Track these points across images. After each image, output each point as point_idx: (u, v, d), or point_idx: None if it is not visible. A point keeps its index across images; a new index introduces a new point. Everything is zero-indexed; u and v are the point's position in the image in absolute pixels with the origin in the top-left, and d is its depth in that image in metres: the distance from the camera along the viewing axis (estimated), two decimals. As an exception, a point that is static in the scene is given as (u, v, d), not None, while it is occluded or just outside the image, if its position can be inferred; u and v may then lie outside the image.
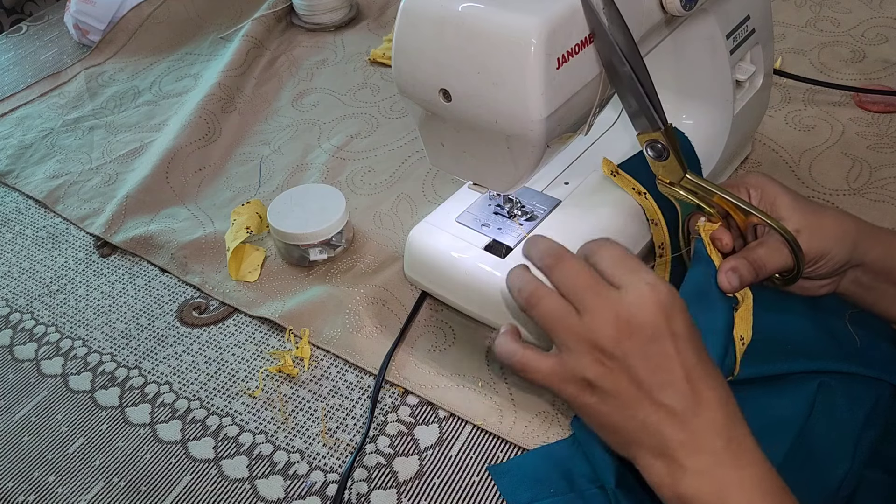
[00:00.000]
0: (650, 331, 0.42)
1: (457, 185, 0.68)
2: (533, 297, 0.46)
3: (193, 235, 0.75)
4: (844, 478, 0.49)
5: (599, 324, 0.43)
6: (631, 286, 0.43)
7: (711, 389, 0.43)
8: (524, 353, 0.46)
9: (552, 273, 0.46)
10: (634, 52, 0.48)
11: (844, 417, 0.51)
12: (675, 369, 0.42)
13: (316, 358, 0.64)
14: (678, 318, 0.43)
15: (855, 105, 0.83)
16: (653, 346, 0.42)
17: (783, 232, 0.49)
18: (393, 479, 0.55)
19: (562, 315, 0.44)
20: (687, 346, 0.43)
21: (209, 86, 0.94)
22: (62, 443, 0.60)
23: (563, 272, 0.45)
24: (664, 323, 0.42)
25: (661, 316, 0.42)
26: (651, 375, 0.42)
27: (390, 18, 1.11)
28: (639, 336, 0.42)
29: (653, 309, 0.42)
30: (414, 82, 0.51)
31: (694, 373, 0.43)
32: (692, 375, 0.42)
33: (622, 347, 0.42)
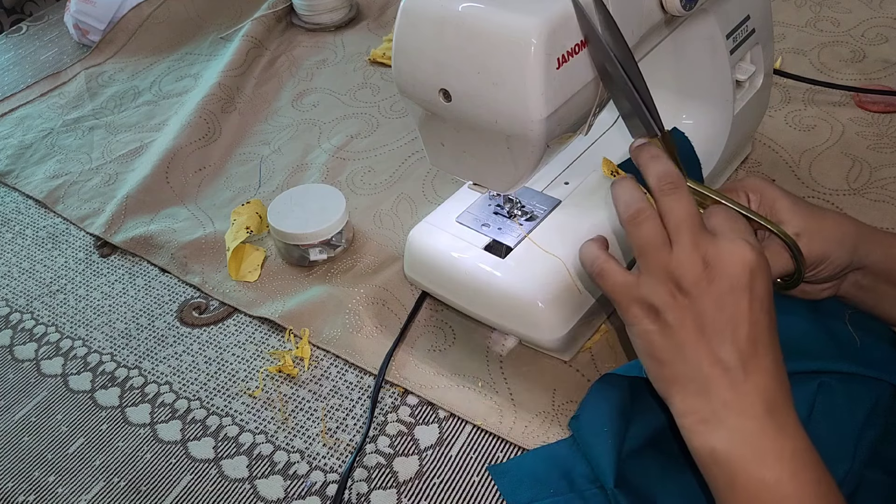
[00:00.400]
0: (731, 282, 0.43)
1: (457, 185, 0.68)
2: (639, 216, 0.45)
3: (193, 235, 0.75)
4: (844, 478, 0.49)
5: (687, 260, 0.43)
6: (729, 237, 0.44)
7: (768, 357, 0.43)
8: (607, 260, 0.47)
9: (664, 198, 0.45)
10: (629, 58, 0.48)
11: (844, 417, 0.50)
12: (742, 326, 0.42)
13: (316, 358, 0.64)
14: (762, 280, 0.43)
15: (855, 105, 0.83)
16: (729, 296, 0.43)
17: (783, 236, 0.49)
18: (393, 479, 0.55)
19: (657, 242, 0.44)
20: (760, 308, 0.43)
21: (209, 86, 0.94)
22: (62, 443, 0.60)
23: (674, 203, 0.45)
24: (747, 279, 0.43)
25: (747, 272, 0.43)
26: (717, 326, 0.43)
27: (390, 18, 1.11)
28: (719, 283, 0.43)
29: (742, 263, 0.43)
30: (414, 82, 0.51)
31: (759, 335, 0.43)
32: (756, 337, 0.43)
33: (699, 287, 0.43)
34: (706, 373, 0.43)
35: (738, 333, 0.43)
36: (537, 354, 0.61)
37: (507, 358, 0.61)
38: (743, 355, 0.42)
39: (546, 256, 0.58)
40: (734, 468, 0.41)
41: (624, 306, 0.46)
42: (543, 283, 0.56)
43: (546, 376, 0.59)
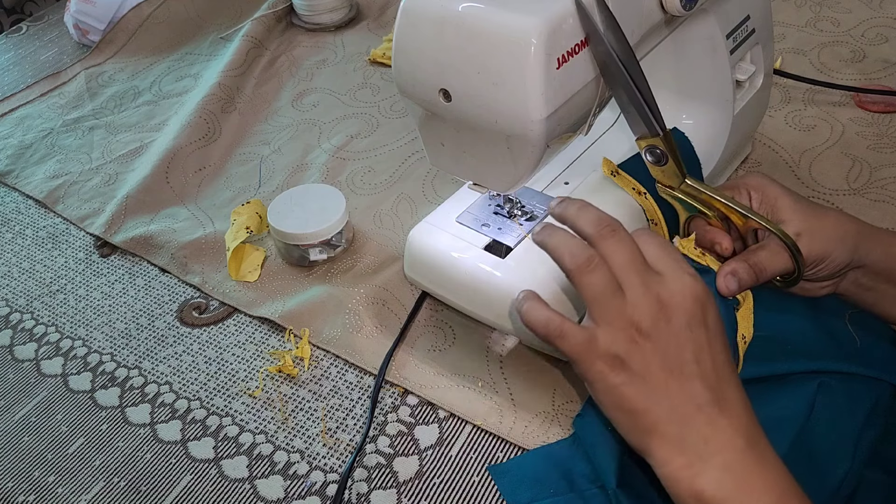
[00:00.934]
0: (688, 317, 0.43)
1: (457, 185, 0.68)
2: (588, 266, 0.44)
3: (193, 235, 0.75)
4: (844, 478, 0.49)
5: (641, 303, 0.43)
6: (673, 274, 0.44)
7: (733, 387, 0.43)
8: (564, 321, 0.45)
9: (605, 244, 0.45)
10: (631, 56, 0.48)
11: (844, 417, 0.51)
12: (705, 361, 0.43)
13: (316, 358, 0.64)
14: (712, 312, 0.44)
15: (855, 105, 0.83)
16: (687, 332, 0.43)
17: (782, 236, 0.49)
18: (393, 479, 0.55)
19: (609, 289, 0.44)
20: (717, 341, 0.43)
21: (209, 86, 0.94)
22: (62, 443, 0.60)
23: (616, 247, 0.45)
24: (701, 313, 0.43)
25: (699, 306, 0.43)
26: (683, 363, 0.42)
27: (390, 18, 1.11)
28: (676, 321, 0.43)
29: (693, 297, 0.43)
30: (414, 82, 0.51)
31: (721, 368, 0.43)
32: (720, 371, 0.43)
33: (658, 328, 0.43)
34: (682, 413, 0.42)
35: (704, 368, 0.43)
36: (537, 354, 0.61)
37: (507, 358, 0.61)
38: (713, 390, 0.42)
39: (546, 256, 0.58)
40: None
41: (587, 364, 0.44)
42: (543, 283, 0.56)
43: (546, 376, 0.59)
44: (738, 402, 0.43)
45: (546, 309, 0.46)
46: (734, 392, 0.43)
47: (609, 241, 0.45)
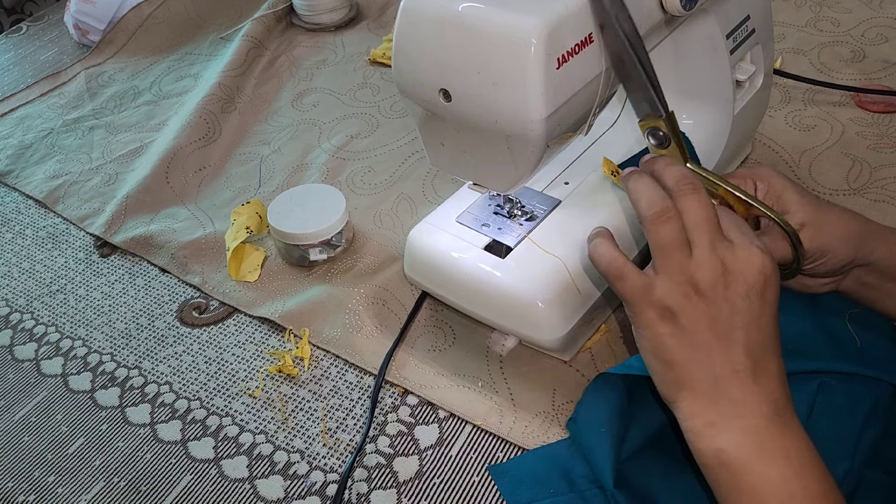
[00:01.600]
0: (747, 287, 0.43)
1: (457, 185, 0.68)
2: (663, 215, 0.45)
3: (193, 235, 0.75)
4: (844, 477, 0.49)
5: (706, 262, 0.44)
6: (744, 244, 0.45)
7: (774, 363, 0.44)
8: (626, 263, 0.46)
9: (683, 199, 0.46)
10: (638, 38, 0.48)
11: (844, 417, 0.51)
12: (753, 332, 0.43)
13: (316, 358, 0.64)
14: (773, 288, 0.44)
15: (855, 105, 0.83)
16: (744, 301, 0.43)
17: (783, 224, 0.50)
18: (393, 479, 0.55)
19: (677, 243, 0.45)
20: (770, 315, 0.44)
21: (209, 86, 0.94)
22: (62, 443, 0.60)
23: (693, 203, 0.45)
24: (762, 286, 0.43)
25: (762, 279, 0.43)
26: (731, 329, 0.43)
27: (390, 18, 1.11)
28: (735, 288, 0.43)
29: (758, 269, 0.44)
30: (414, 82, 0.51)
31: (767, 342, 0.44)
32: (765, 344, 0.43)
33: (716, 290, 0.43)
34: (717, 374, 0.43)
35: (750, 338, 0.43)
36: (537, 354, 0.61)
37: (507, 358, 0.61)
38: (754, 359, 0.43)
39: (546, 256, 0.58)
40: (740, 468, 0.41)
41: (639, 309, 0.46)
42: (543, 283, 0.56)
43: (546, 376, 0.59)
44: (775, 376, 0.43)
45: (613, 248, 0.47)
46: (774, 366, 0.44)
47: (688, 198, 0.46)
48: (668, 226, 0.45)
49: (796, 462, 0.41)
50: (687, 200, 0.46)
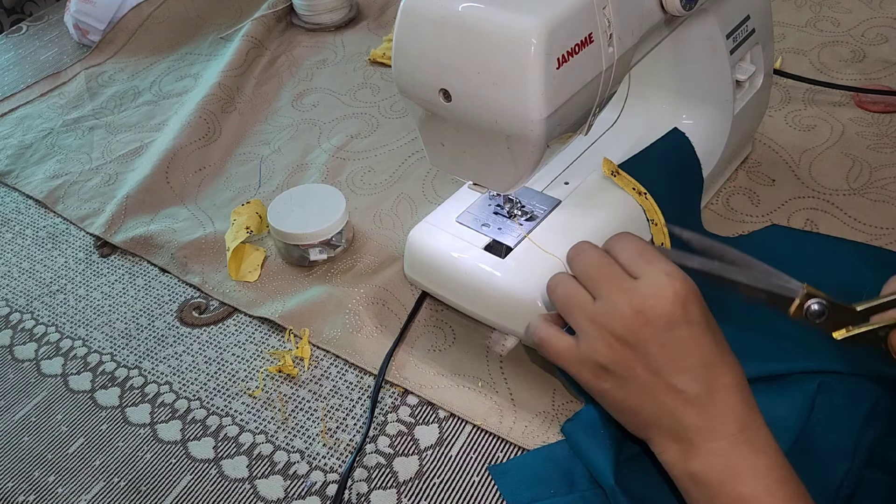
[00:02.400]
0: (666, 319, 0.43)
1: (457, 185, 0.68)
2: (552, 282, 0.48)
3: (193, 235, 0.75)
4: (844, 478, 0.49)
5: (615, 311, 0.44)
6: (648, 276, 0.44)
7: (727, 375, 0.43)
8: (547, 330, 0.48)
9: (573, 263, 0.48)
10: (724, 265, 0.46)
11: (844, 418, 0.51)
12: (692, 355, 0.43)
13: (316, 358, 0.64)
14: (694, 305, 0.44)
15: (855, 105, 0.83)
16: (668, 334, 0.43)
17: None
18: (393, 479, 0.55)
19: (578, 300, 0.46)
20: (703, 332, 0.43)
21: (209, 86, 0.94)
22: (62, 443, 0.60)
23: (582, 261, 0.47)
24: (681, 311, 0.43)
25: (678, 305, 0.43)
26: (667, 363, 0.43)
27: (390, 18, 1.11)
28: (654, 325, 0.43)
29: (670, 298, 0.43)
30: (414, 82, 0.51)
31: (710, 358, 0.43)
32: (709, 360, 0.43)
33: (636, 335, 0.43)
34: (672, 408, 0.43)
35: (691, 363, 0.43)
36: (537, 354, 0.61)
37: (507, 358, 0.61)
38: (703, 381, 0.43)
39: (546, 256, 0.58)
40: (713, 489, 0.42)
41: (574, 371, 0.47)
42: (543, 283, 0.56)
43: (546, 376, 0.59)
44: (731, 387, 0.43)
45: (542, 321, 0.49)
46: (728, 377, 0.43)
47: (576, 259, 0.48)
48: (559, 288, 0.47)
49: (766, 480, 0.41)
50: (575, 263, 0.47)
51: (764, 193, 0.73)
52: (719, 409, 0.43)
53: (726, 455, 0.42)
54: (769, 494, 0.41)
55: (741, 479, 0.41)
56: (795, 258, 0.63)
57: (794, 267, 0.60)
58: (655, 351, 0.43)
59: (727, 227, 0.70)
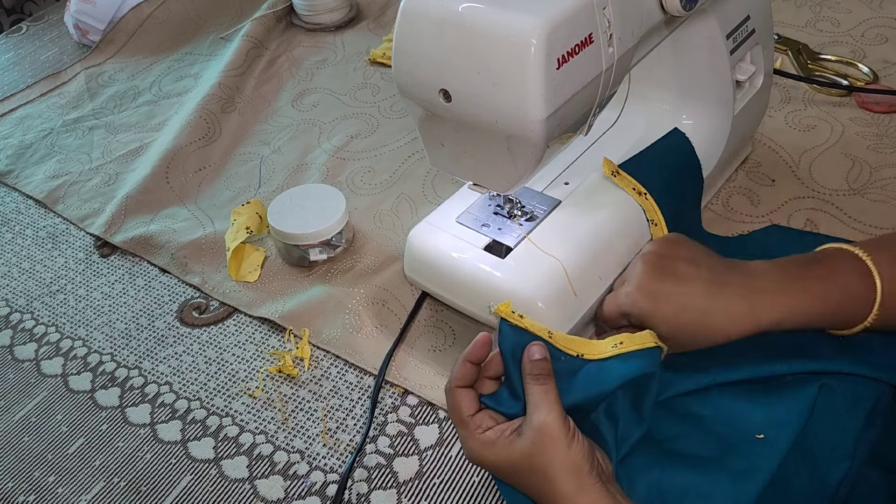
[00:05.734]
0: (507, 474, 0.46)
1: (457, 185, 0.68)
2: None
3: (193, 235, 0.75)
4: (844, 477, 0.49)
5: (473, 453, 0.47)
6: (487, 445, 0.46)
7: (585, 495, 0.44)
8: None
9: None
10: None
11: (845, 418, 0.50)
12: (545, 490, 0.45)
13: (316, 358, 0.64)
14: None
15: (855, 105, 0.83)
16: (517, 481, 0.46)
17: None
18: (393, 479, 0.55)
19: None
20: (541, 478, 0.45)
21: (209, 86, 0.94)
22: (62, 443, 0.60)
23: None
24: (510, 470, 0.46)
25: (498, 466, 0.46)
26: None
27: (390, 18, 1.11)
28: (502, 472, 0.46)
29: (484, 463, 0.47)
30: (414, 82, 0.51)
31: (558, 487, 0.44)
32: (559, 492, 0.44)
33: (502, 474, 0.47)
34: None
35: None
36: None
37: (507, 358, 0.61)
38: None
39: (546, 256, 0.58)
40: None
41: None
42: (543, 283, 0.56)
43: (546, 376, 0.59)
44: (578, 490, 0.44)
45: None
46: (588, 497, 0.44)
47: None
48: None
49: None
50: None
51: (764, 193, 0.73)
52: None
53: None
54: None
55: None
56: None
57: None
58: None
59: (727, 227, 0.70)
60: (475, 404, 0.48)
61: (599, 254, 0.59)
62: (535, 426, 0.45)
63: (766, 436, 0.49)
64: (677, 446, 0.50)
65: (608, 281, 0.60)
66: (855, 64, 0.88)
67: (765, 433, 0.49)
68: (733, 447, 0.49)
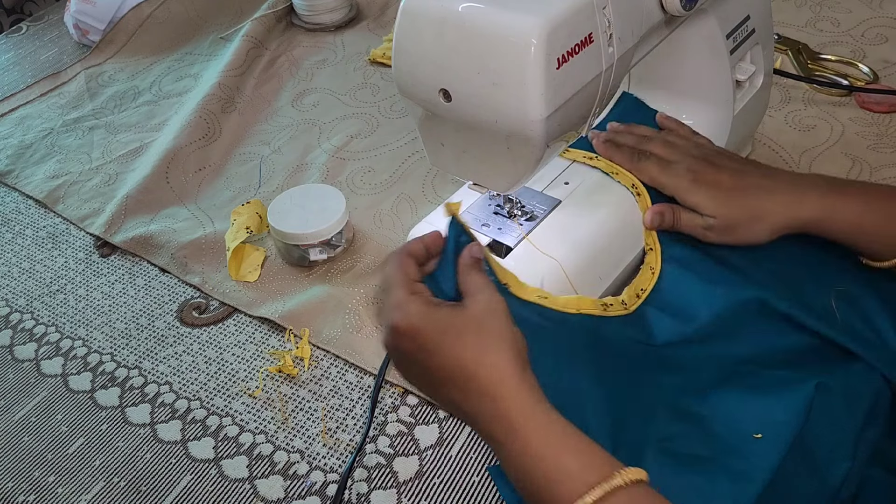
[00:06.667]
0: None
1: (457, 185, 0.68)
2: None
3: (193, 235, 0.75)
4: (845, 477, 0.49)
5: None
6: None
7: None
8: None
9: None
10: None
11: (843, 418, 0.50)
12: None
13: (316, 358, 0.64)
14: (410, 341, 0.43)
15: (855, 105, 0.83)
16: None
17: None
18: (393, 479, 0.55)
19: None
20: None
21: (209, 86, 0.94)
22: (62, 443, 0.60)
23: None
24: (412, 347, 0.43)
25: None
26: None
27: (390, 18, 1.11)
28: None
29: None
30: (414, 82, 0.51)
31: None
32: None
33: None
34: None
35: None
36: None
37: (507, 358, 0.61)
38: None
39: (545, 256, 0.58)
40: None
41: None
42: (543, 283, 0.56)
43: (546, 376, 0.59)
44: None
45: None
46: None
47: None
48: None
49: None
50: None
51: (764, 193, 0.73)
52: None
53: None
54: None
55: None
56: (798, 239, 0.62)
57: (797, 245, 0.59)
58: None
59: (727, 227, 0.70)
60: (419, 276, 0.46)
61: (599, 253, 0.59)
62: (485, 299, 0.43)
63: (763, 435, 0.49)
64: (676, 446, 0.50)
65: (608, 280, 0.60)
66: (855, 64, 0.88)
67: (763, 433, 0.49)
68: (732, 447, 0.49)
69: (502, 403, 0.40)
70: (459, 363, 0.41)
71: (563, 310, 0.53)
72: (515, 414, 0.40)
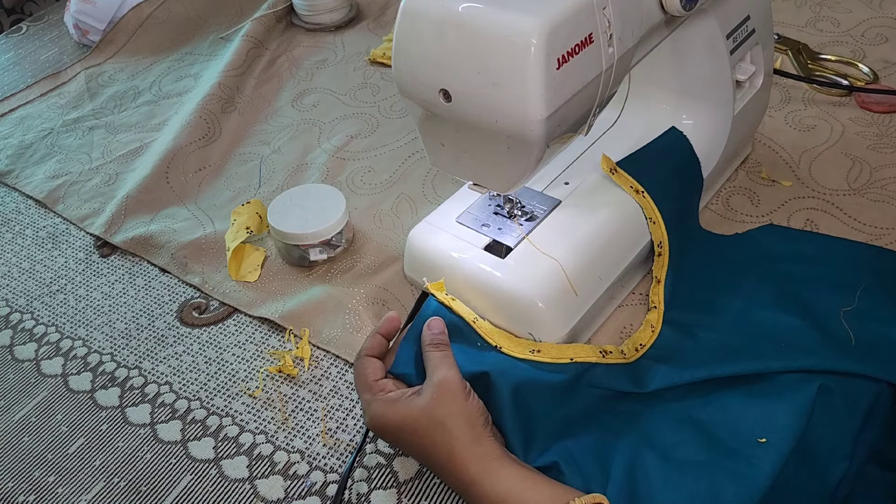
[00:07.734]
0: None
1: (457, 185, 0.68)
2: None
3: (193, 235, 0.75)
4: (843, 478, 0.49)
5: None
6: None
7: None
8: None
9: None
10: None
11: (843, 419, 0.51)
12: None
13: (316, 358, 0.64)
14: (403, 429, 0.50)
15: (855, 105, 0.83)
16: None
17: None
18: (393, 479, 0.55)
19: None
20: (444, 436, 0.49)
21: (209, 86, 0.94)
22: (62, 443, 0.60)
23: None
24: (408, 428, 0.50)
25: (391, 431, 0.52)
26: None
27: (390, 18, 1.11)
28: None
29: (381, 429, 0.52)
30: (414, 82, 0.51)
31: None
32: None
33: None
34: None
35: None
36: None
37: (507, 358, 0.61)
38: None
39: (546, 256, 0.58)
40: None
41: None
42: (543, 283, 0.56)
43: (546, 376, 0.59)
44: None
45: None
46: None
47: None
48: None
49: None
50: None
51: (764, 193, 0.73)
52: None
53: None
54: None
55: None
56: (792, 257, 0.63)
57: (791, 265, 0.60)
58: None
59: (727, 226, 0.70)
60: (381, 372, 0.53)
61: (599, 254, 0.59)
62: (435, 382, 0.50)
63: (767, 439, 0.49)
64: (679, 454, 0.50)
65: (608, 280, 0.60)
66: (855, 64, 0.88)
67: (766, 436, 0.49)
68: (735, 452, 0.49)
69: (460, 466, 0.48)
70: (417, 449, 0.50)
71: (555, 361, 0.55)
72: (472, 473, 0.47)
